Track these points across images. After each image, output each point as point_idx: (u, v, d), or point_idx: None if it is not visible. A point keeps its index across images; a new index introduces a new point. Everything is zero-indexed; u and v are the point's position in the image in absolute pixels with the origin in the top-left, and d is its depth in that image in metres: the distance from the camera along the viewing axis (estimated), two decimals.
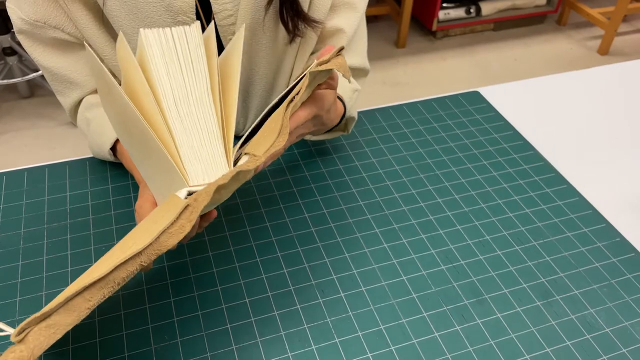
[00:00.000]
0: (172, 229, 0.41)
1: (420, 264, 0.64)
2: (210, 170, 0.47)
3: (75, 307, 0.39)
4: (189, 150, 0.47)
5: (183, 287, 0.61)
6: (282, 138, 0.47)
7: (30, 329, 0.39)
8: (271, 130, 0.49)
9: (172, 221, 0.41)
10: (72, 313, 0.39)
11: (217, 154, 0.48)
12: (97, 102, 0.72)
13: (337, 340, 0.56)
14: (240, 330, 0.57)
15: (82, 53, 0.68)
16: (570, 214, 0.71)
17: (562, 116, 0.89)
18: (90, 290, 0.39)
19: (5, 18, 2.00)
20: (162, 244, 0.41)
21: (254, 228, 0.67)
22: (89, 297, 0.39)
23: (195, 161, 0.47)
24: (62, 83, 0.70)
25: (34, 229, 0.66)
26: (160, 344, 0.55)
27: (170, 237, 0.41)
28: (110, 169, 0.75)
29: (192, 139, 0.47)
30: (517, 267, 0.64)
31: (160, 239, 0.41)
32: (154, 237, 0.40)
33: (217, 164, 0.48)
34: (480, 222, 0.69)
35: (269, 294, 0.60)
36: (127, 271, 0.40)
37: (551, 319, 0.59)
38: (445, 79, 2.41)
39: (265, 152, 0.47)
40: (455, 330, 0.58)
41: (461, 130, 0.84)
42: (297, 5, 0.66)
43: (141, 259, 0.40)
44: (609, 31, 2.54)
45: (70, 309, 0.39)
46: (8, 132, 2.04)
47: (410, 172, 0.76)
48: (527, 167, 0.78)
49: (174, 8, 0.62)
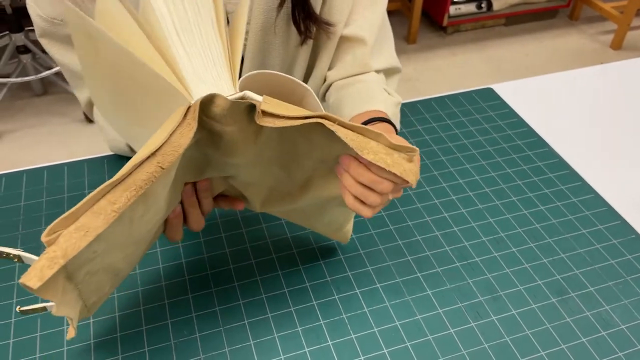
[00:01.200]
0: (181, 128, 0.42)
1: (435, 261, 0.64)
2: (214, 89, 0.46)
3: (101, 210, 0.39)
4: (193, 75, 0.46)
5: (201, 284, 0.61)
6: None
7: (59, 231, 0.39)
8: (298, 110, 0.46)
9: (179, 121, 0.41)
10: (98, 216, 0.39)
11: (222, 78, 0.46)
12: None
13: (353, 336, 0.57)
14: (258, 326, 0.58)
15: None
16: (585, 211, 0.71)
17: (576, 113, 0.88)
18: (113, 192, 0.40)
19: (19, 17, 2.02)
20: (175, 143, 0.41)
21: (269, 224, 0.68)
22: (112, 200, 0.40)
23: (200, 82, 0.45)
24: (78, 79, 0.71)
25: None
26: (180, 339, 0.56)
27: (182, 137, 0.41)
28: None
29: (195, 64, 0.46)
30: (532, 264, 0.64)
31: (172, 139, 0.41)
32: (166, 137, 0.41)
33: (222, 86, 0.46)
34: (494, 219, 0.70)
35: (285, 290, 0.61)
36: (147, 172, 0.40)
37: (566, 315, 0.59)
38: (456, 75, 2.40)
39: (291, 118, 0.44)
40: (471, 327, 0.58)
41: (475, 127, 0.84)
42: (309, 7, 0.66)
43: (157, 160, 0.41)
44: (621, 25, 2.51)
45: (96, 212, 0.39)
46: (22, 129, 2.06)
47: (424, 169, 0.76)
48: (541, 164, 0.78)
49: None
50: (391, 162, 0.45)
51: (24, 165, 0.77)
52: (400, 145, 0.46)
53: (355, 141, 0.45)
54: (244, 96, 0.44)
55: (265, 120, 0.44)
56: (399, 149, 0.46)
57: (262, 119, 0.44)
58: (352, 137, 0.45)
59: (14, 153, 1.95)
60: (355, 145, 0.44)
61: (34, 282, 0.37)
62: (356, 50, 0.71)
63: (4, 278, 0.62)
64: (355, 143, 0.45)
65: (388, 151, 0.45)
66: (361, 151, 0.45)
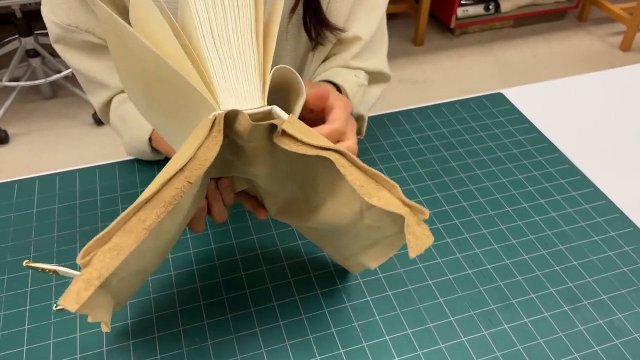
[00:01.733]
0: (207, 141, 0.42)
1: (446, 268, 0.64)
2: (243, 101, 0.46)
3: (132, 228, 0.41)
4: (225, 83, 0.45)
5: (212, 291, 0.62)
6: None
7: (94, 252, 0.40)
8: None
9: (206, 135, 0.42)
10: (130, 234, 0.40)
11: (253, 89, 0.46)
12: (126, 97, 0.73)
13: (365, 344, 0.57)
14: (269, 334, 0.58)
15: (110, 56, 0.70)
16: (597, 218, 0.71)
17: (587, 118, 0.88)
18: (144, 210, 0.41)
19: (29, 20, 2.04)
20: (201, 158, 0.42)
21: (280, 232, 0.68)
22: (143, 218, 0.41)
23: (229, 91, 0.46)
24: (93, 84, 0.72)
25: (67, 232, 0.68)
26: (192, 346, 0.57)
27: (208, 151, 0.42)
28: (139, 172, 0.76)
29: (228, 72, 0.46)
30: (543, 271, 0.64)
31: (199, 153, 0.42)
32: (193, 152, 0.42)
33: (252, 97, 0.46)
34: (506, 225, 0.69)
35: (297, 298, 0.61)
36: (175, 188, 0.41)
37: (579, 324, 0.59)
38: (464, 77, 2.39)
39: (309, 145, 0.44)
40: (483, 335, 0.58)
41: (485, 133, 0.84)
42: (321, 12, 0.66)
43: (185, 175, 0.42)
44: (631, 27, 2.50)
45: (127, 231, 0.41)
46: (32, 132, 2.08)
47: (435, 175, 0.76)
48: (552, 169, 0.78)
49: None
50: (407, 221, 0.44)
51: (34, 169, 0.78)
52: (414, 205, 0.44)
53: (364, 188, 0.44)
54: (272, 111, 0.45)
55: (282, 141, 0.44)
56: (411, 206, 0.44)
57: (279, 139, 0.44)
58: (361, 183, 0.44)
59: (24, 156, 1.96)
60: (363, 192, 0.44)
61: (72, 305, 0.39)
62: (349, 48, 0.72)
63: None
64: (364, 189, 0.44)
65: (398, 205, 0.44)
66: (370, 198, 0.44)
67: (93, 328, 0.58)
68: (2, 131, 2.01)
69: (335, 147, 0.44)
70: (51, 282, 0.62)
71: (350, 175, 0.44)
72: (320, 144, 0.44)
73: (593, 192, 0.74)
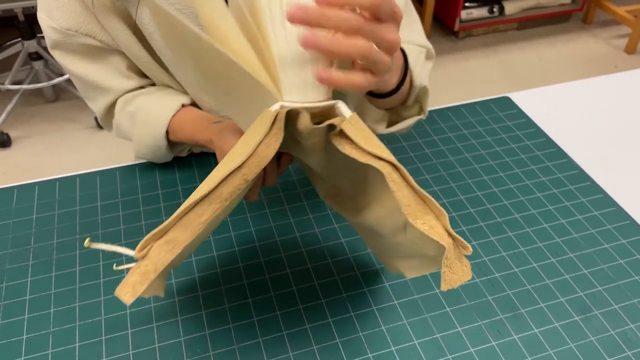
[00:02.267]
0: (267, 139, 0.41)
1: None
2: (307, 91, 0.43)
3: (189, 223, 0.41)
4: (289, 67, 0.43)
5: (214, 300, 0.60)
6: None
7: (150, 245, 0.41)
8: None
9: (266, 132, 0.41)
10: (186, 229, 0.41)
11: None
12: (133, 96, 0.71)
13: (370, 355, 0.56)
14: (272, 344, 0.56)
15: (111, 58, 0.68)
16: (608, 225, 0.69)
17: (595, 122, 0.86)
18: (201, 205, 0.41)
19: (31, 23, 2.03)
20: (261, 154, 0.41)
21: (283, 239, 0.67)
22: (200, 213, 0.41)
23: (293, 79, 0.43)
24: (92, 89, 0.70)
25: (67, 239, 0.67)
26: (193, 357, 0.55)
27: (267, 148, 0.41)
28: (140, 178, 0.75)
29: (294, 56, 0.42)
30: (553, 280, 0.63)
31: (258, 150, 0.41)
32: (252, 149, 0.41)
33: (316, 87, 0.43)
34: (514, 232, 0.68)
35: (300, 307, 0.60)
36: (232, 186, 0.41)
37: (590, 334, 0.58)
38: (469, 80, 2.38)
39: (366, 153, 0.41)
40: (492, 346, 0.56)
41: (492, 137, 0.82)
42: None
43: (243, 172, 0.41)
44: (636, 29, 2.48)
45: (184, 225, 0.41)
46: (34, 135, 2.07)
47: (441, 181, 0.75)
48: (561, 175, 0.76)
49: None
50: (449, 255, 0.42)
51: (36, 172, 0.77)
52: (458, 238, 0.42)
53: (410, 207, 0.42)
54: (335, 105, 0.43)
55: (338, 140, 0.42)
56: (455, 238, 0.42)
57: (335, 138, 0.42)
58: (408, 202, 0.42)
59: (26, 159, 1.96)
60: (409, 212, 0.42)
61: (127, 298, 0.39)
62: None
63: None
64: (410, 209, 0.42)
65: (442, 235, 0.42)
66: (414, 220, 0.42)
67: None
68: (4, 134, 2.00)
69: (389, 158, 0.42)
70: (50, 291, 0.61)
71: (399, 192, 0.42)
72: (375, 151, 0.41)
73: (603, 199, 0.73)
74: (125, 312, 0.59)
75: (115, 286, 0.61)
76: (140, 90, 0.71)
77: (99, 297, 0.60)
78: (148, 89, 0.72)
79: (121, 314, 0.59)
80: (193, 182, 0.74)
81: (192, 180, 0.75)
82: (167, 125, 0.68)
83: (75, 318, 0.59)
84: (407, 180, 0.42)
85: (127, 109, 0.71)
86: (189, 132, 0.68)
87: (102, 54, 0.68)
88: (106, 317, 0.59)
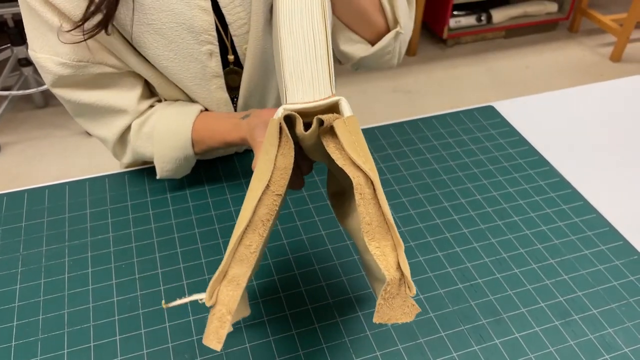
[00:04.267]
0: (281, 150, 0.43)
1: (437, 282, 0.64)
2: (311, 90, 0.44)
3: (243, 256, 0.42)
4: (293, 66, 0.44)
5: (203, 307, 0.61)
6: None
7: (217, 289, 0.42)
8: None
9: (277, 144, 0.42)
10: (242, 263, 0.42)
11: (321, 76, 0.45)
12: (146, 118, 0.70)
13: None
14: (259, 350, 0.57)
15: (124, 81, 0.68)
16: (587, 231, 0.71)
17: (577, 131, 0.88)
18: (247, 236, 0.42)
19: (21, 29, 2.03)
20: (281, 167, 0.43)
21: (271, 245, 0.68)
22: (248, 244, 0.42)
23: (297, 78, 0.44)
24: (107, 114, 0.68)
25: (56, 246, 0.67)
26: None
27: (285, 158, 0.43)
28: (129, 186, 0.76)
29: (298, 52, 0.44)
30: (534, 285, 0.64)
31: (277, 164, 0.43)
32: (273, 165, 0.42)
33: (320, 85, 0.45)
34: (496, 239, 0.70)
35: (287, 313, 0.61)
36: (267, 206, 0.42)
37: (570, 339, 0.59)
38: (457, 87, 2.40)
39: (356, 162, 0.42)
40: (474, 350, 0.58)
41: (476, 146, 0.84)
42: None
43: (272, 189, 0.42)
44: (621, 38, 2.52)
45: (239, 260, 0.42)
46: (24, 141, 2.07)
47: (426, 189, 0.76)
48: (542, 183, 0.78)
49: (195, 28, 0.63)
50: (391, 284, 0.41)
51: (25, 178, 0.77)
52: (407, 276, 0.41)
53: (370, 226, 0.41)
54: (338, 102, 0.44)
55: (325, 137, 0.43)
56: (404, 275, 0.41)
57: (324, 135, 0.43)
58: (369, 221, 0.41)
59: (15, 166, 1.95)
60: (367, 230, 0.41)
61: (215, 345, 0.41)
62: None
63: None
64: (369, 228, 0.41)
65: (389, 266, 0.41)
66: (370, 241, 0.41)
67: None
68: None
69: (368, 170, 0.41)
70: (39, 298, 0.62)
71: (363, 208, 0.41)
72: (355, 158, 0.41)
73: (583, 206, 0.74)
74: (114, 318, 0.60)
75: (104, 293, 0.62)
76: (152, 110, 0.70)
77: (88, 304, 0.61)
78: (159, 105, 0.71)
79: (110, 320, 0.60)
80: (182, 190, 0.75)
81: (181, 187, 0.76)
82: (191, 131, 0.68)
83: (64, 325, 0.59)
84: (378, 199, 0.41)
85: (144, 130, 0.69)
86: (219, 134, 0.67)
87: (114, 79, 0.67)
88: (95, 324, 0.59)
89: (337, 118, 0.43)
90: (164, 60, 0.65)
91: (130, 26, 0.62)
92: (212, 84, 0.69)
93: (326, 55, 0.46)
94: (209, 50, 0.65)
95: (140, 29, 0.62)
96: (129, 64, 0.66)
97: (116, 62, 0.65)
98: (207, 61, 0.66)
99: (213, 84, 0.69)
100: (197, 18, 0.63)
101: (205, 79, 0.68)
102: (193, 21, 0.63)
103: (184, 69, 0.66)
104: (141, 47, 0.64)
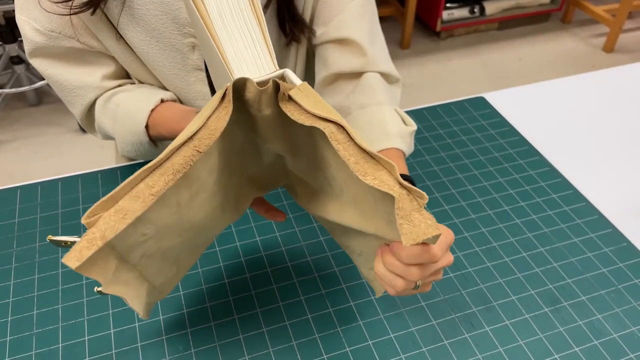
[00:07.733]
0: (217, 112, 0.43)
1: None
2: (255, 69, 0.46)
3: (140, 193, 0.41)
4: (234, 55, 0.46)
5: (195, 299, 0.62)
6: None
7: (99, 214, 0.40)
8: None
9: (216, 105, 0.42)
10: (137, 199, 0.41)
11: (262, 56, 0.46)
12: (112, 94, 0.71)
13: (348, 349, 0.57)
14: (253, 340, 0.58)
15: (94, 60, 0.69)
16: (577, 220, 0.72)
17: (567, 120, 0.89)
18: (151, 176, 0.41)
19: (13, 27, 2.03)
20: (211, 127, 0.42)
21: (262, 238, 0.68)
22: (151, 184, 0.41)
23: (242, 62, 0.46)
24: (75, 91, 0.70)
25: (49, 242, 0.68)
26: (175, 355, 0.57)
27: (218, 120, 0.42)
28: (122, 181, 0.76)
29: (236, 43, 0.46)
30: (524, 273, 0.65)
31: (209, 123, 0.42)
32: (203, 122, 0.42)
33: (262, 63, 0.46)
34: (487, 228, 0.70)
35: (280, 304, 0.61)
36: (183, 157, 0.41)
37: (559, 325, 0.60)
38: (451, 79, 2.41)
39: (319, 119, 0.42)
40: (464, 338, 0.58)
41: (467, 137, 0.84)
42: (294, 8, 0.67)
43: (194, 144, 0.42)
44: (613, 28, 2.53)
45: (135, 195, 0.41)
46: (17, 139, 2.06)
47: (417, 180, 0.77)
48: (533, 172, 0.78)
49: (180, 20, 0.63)
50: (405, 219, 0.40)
51: (19, 176, 0.77)
52: (412, 188, 0.41)
53: (359, 165, 0.41)
54: (284, 75, 0.45)
55: (287, 107, 0.43)
56: (409, 189, 0.41)
57: (284, 104, 0.43)
58: (356, 160, 0.41)
59: (10, 163, 1.95)
60: (357, 169, 0.41)
61: (72, 262, 0.39)
62: (353, 49, 0.69)
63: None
64: (359, 167, 0.41)
65: (392, 186, 0.40)
66: (364, 177, 0.41)
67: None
68: None
69: (335, 119, 0.41)
70: (33, 293, 0.62)
71: (344, 151, 0.41)
72: (320, 113, 0.41)
73: (573, 195, 0.75)
74: (108, 312, 0.60)
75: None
76: (120, 88, 0.71)
77: (82, 299, 0.62)
78: (127, 86, 0.72)
79: (104, 314, 0.60)
80: None
81: None
82: (147, 119, 0.68)
83: (58, 319, 0.60)
84: (354, 139, 0.42)
85: (108, 106, 0.70)
86: (170, 125, 0.67)
87: (84, 56, 0.68)
88: (89, 318, 0.60)
89: (291, 88, 0.44)
90: (144, 45, 0.65)
91: (120, 9, 0.62)
92: (191, 76, 0.69)
93: (262, 37, 0.46)
94: (191, 43, 0.66)
95: (125, 11, 0.62)
96: (108, 46, 0.66)
97: (87, 40, 0.66)
98: (188, 53, 0.67)
99: (193, 76, 0.69)
100: (183, 10, 0.63)
101: (184, 70, 0.68)
102: (179, 12, 0.63)
103: (163, 57, 0.67)
104: (122, 29, 0.64)
